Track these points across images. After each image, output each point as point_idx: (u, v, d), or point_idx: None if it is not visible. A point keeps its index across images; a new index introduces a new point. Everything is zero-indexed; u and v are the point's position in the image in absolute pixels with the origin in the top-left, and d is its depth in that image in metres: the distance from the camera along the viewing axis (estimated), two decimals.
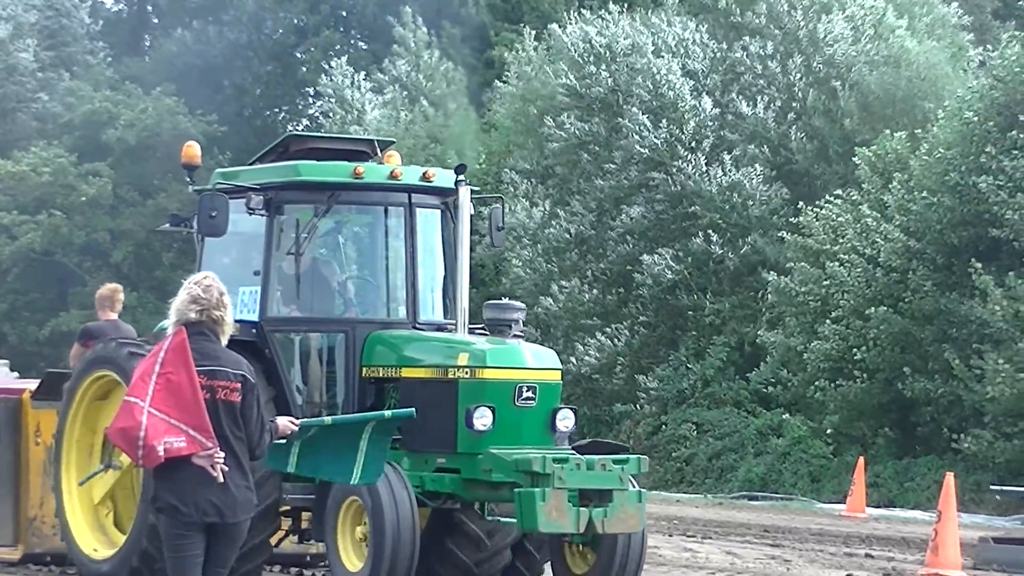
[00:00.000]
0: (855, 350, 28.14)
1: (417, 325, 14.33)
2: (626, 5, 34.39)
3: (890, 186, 28.42)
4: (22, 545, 15.80)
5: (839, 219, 29.20)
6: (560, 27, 34.04)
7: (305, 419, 10.82)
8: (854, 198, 29.35)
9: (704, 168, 31.98)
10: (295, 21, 43.49)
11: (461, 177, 13.74)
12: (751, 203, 31.93)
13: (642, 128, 32.15)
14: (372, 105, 38.20)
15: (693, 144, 32.21)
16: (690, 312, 32.88)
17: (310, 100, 42.53)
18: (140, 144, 43.70)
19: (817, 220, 29.48)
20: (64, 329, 40.65)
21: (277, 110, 46.92)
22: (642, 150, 32.15)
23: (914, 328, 28.08)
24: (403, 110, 38.21)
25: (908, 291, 28.04)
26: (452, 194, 14.02)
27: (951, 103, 28.51)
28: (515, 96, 35.23)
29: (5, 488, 15.54)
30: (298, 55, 43.92)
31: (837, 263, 28.54)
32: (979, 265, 26.14)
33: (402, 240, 14.58)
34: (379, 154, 14.80)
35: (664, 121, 32.08)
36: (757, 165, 32.17)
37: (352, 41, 43.49)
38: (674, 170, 32.09)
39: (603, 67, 33.19)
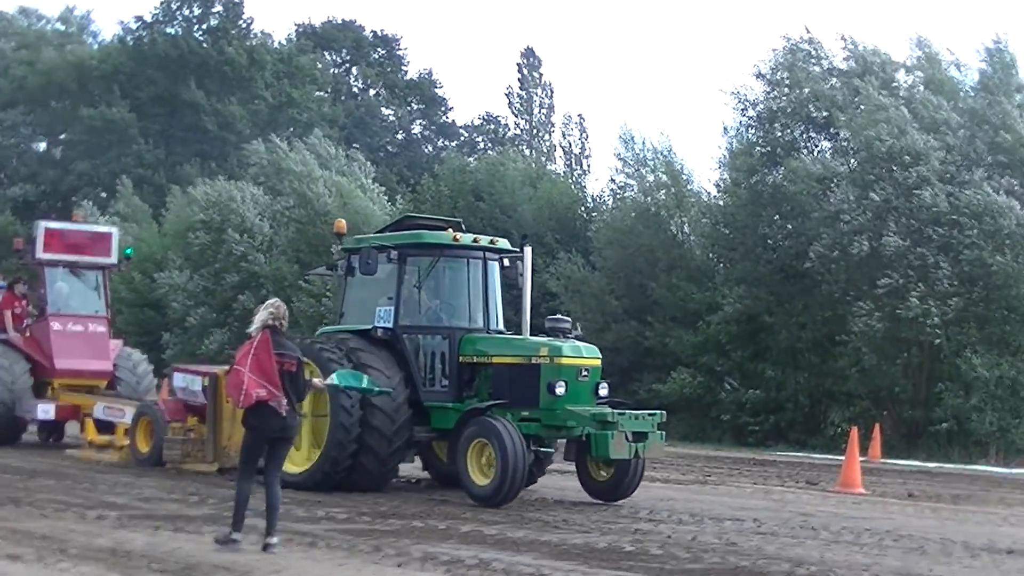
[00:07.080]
0: None
1: (489, 331, 19.13)
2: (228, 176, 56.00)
3: None
4: (217, 463, 20.84)
5: None
6: (194, 187, 55.15)
7: (329, 383, 15.43)
8: None
9: None
10: None
11: (526, 241, 19.30)
12: None
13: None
14: None
15: None
16: None
17: None
18: None
19: None
20: None
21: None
22: None
23: None
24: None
25: None
26: (509, 253, 19.32)
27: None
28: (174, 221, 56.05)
29: (211, 428, 20.55)
30: None
31: None
32: None
33: (479, 279, 19.39)
34: (461, 229, 19.79)
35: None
36: None
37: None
38: None
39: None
